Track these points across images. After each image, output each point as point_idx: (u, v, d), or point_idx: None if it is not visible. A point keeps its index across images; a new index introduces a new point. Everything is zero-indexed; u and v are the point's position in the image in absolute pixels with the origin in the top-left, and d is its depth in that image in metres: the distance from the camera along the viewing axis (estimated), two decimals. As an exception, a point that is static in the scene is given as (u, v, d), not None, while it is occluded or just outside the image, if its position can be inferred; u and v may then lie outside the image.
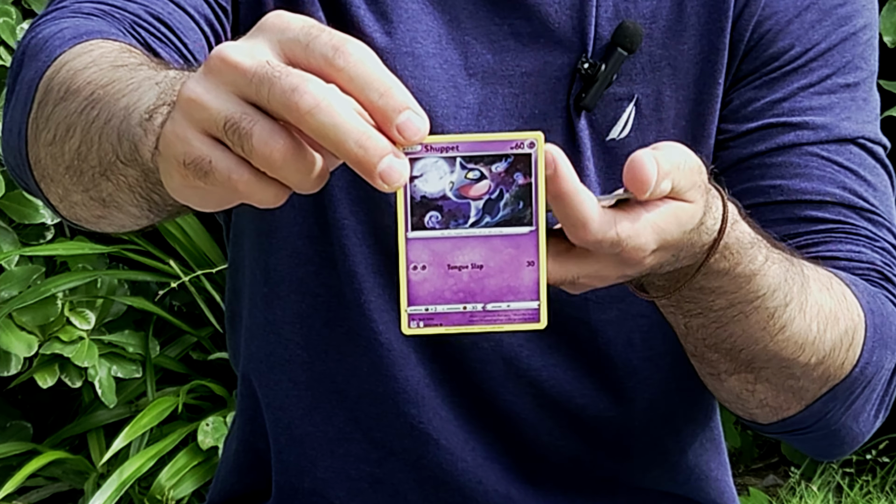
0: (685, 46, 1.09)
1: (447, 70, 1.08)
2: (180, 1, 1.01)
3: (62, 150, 0.83)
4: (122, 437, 2.41)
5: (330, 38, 0.66)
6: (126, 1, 0.98)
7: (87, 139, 0.80)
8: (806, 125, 1.08)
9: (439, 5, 1.08)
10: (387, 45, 1.07)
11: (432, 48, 1.08)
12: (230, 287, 1.22)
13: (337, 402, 1.14)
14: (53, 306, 2.40)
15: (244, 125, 0.65)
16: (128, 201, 0.81)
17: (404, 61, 1.07)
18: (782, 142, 1.08)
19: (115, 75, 0.82)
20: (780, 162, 1.08)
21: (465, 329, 0.73)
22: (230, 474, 1.24)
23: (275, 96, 0.65)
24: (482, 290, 0.73)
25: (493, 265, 0.72)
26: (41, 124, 0.86)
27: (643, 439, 1.17)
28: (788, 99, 1.09)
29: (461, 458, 1.13)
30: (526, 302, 0.74)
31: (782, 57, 1.09)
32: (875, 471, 2.93)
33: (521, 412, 1.13)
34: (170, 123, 0.69)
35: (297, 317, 1.14)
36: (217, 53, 0.67)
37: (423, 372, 1.11)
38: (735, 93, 1.10)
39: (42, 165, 0.87)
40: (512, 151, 0.71)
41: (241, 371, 1.21)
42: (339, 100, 0.65)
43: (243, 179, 0.67)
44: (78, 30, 0.91)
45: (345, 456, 1.15)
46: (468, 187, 0.71)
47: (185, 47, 0.98)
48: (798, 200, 1.08)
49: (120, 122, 0.77)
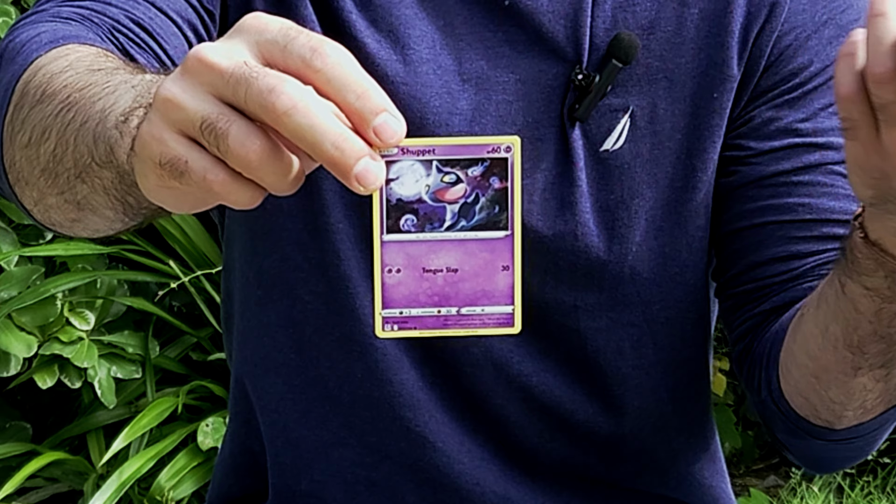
0: (683, 59, 1.08)
1: (441, 76, 1.07)
2: (162, 5, 1.00)
3: (37, 153, 0.83)
4: (122, 437, 2.41)
5: (308, 40, 0.66)
6: (106, 5, 0.98)
7: (63, 141, 0.80)
8: (830, 145, 1.08)
9: (433, 11, 1.07)
10: (379, 50, 1.07)
11: (426, 54, 1.07)
12: (224, 289, 1.22)
13: (331, 406, 1.14)
14: (53, 307, 2.40)
15: (220, 125, 0.66)
16: (102, 204, 0.80)
17: (396, 67, 1.07)
18: (808, 161, 1.08)
19: (91, 79, 0.81)
20: (807, 181, 1.08)
21: (439, 333, 0.73)
22: (227, 476, 1.24)
23: (252, 97, 0.65)
24: (457, 294, 0.73)
25: (468, 269, 0.72)
26: (17, 127, 0.86)
27: (634, 445, 1.16)
28: (811, 119, 1.08)
29: (458, 459, 1.13)
30: (500, 306, 0.73)
31: (801, 74, 1.09)
32: (876, 472, 2.93)
33: (512, 415, 1.14)
34: (146, 124, 0.69)
35: (289, 321, 1.14)
36: (194, 54, 0.67)
37: (416, 375, 1.11)
38: (755, 110, 1.09)
39: (17, 168, 0.87)
40: (489, 155, 0.70)
41: (235, 374, 1.21)
42: (316, 101, 0.65)
43: (219, 180, 0.67)
44: (55, 34, 0.91)
45: (340, 460, 1.15)
46: (444, 191, 0.71)
47: (164, 52, 0.98)
48: (826, 219, 1.07)
49: (96, 124, 0.77)
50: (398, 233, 0.71)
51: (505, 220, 0.72)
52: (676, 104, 1.09)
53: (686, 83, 1.08)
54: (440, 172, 0.70)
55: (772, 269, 1.09)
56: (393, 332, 0.73)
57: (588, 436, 1.15)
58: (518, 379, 1.12)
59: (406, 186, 0.70)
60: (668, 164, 1.10)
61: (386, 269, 0.71)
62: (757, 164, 1.09)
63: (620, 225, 1.10)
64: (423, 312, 0.73)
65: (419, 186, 0.70)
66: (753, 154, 1.09)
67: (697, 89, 1.09)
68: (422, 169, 0.70)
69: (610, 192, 1.09)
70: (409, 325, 0.73)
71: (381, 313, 0.72)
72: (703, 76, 1.08)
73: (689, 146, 1.09)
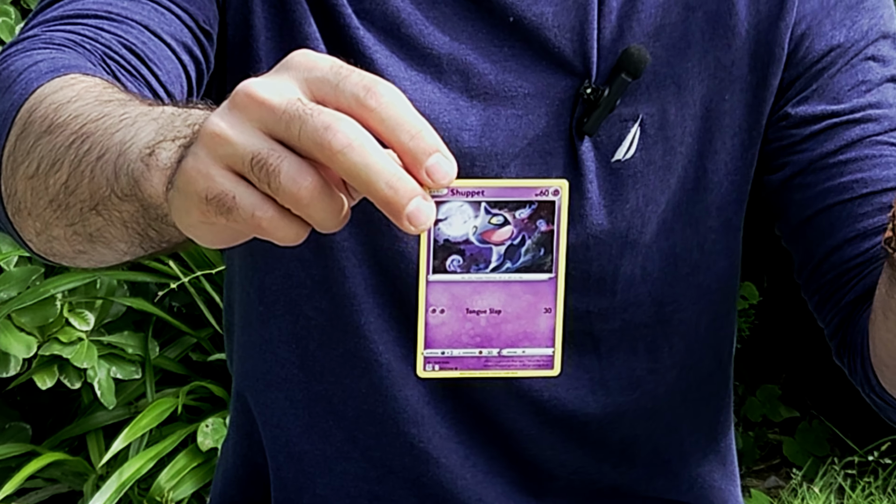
0: (690, 63, 1.08)
1: (448, 93, 1.07)
2: (156, 29, 0.99)
3: (45, 184, 0.82)
4: (122, 438, 2.41)
5: (360, 79, 0.66)
6: (98, 31, 0.97)
7: (77, 173, 0.79)
8: (868, 118, 1.08)
9: (439, 27, 1.07)
10: (388, 66, 1.06)
11: (433, 71, 1.07)
12: (226, 297, 1.22)
13: (334, 421, 1.14)
14: (52, 307, 2.40)
15: (272, 161, 0.65)
16: (118, 237, 0.79)
17: (404, 84, 1.06)
18: (850, 137, 1.08)
19: (104, 109, 0.81)
20: (855, 157, 1.08)
21: (479, 374, 0.73)
22: (229, 486, 1.24)
23: (307, 134, 0.64)
24: (499, 336, 0.72)
25: (510, 311, 0.72)
26: (20, 157, 0.85)
27: (646, 448, 1.16)
28: (842, 100, 1.09)
29: (461, 475, 1.13)
30: (541, 348, 0.73)
31: (822, 60, 1.09)
32: (877, 472, 2.93)
33: (524, 429, 1.13)
34: (191, 159, 0.68)
35: (292, 337, 1.13)
36: (243, 89, 0.67)
37: (422, 391, 1.11)
38: (787, 104, 1.09)
39: (18, 198, 0.86)
40: (536, 198, 0.70)
41: (236, 388, 1.21)
42: (371, 140, 0.64)
43: (267, 216, 0.66)
44: (54, 63, 0.90)
45: (343, 474, 1.15)
46: (491, 232, 0.70)
47: (155, 79, 0.97)
48: (884, 189, 1.07)
49: (116, 156, 0.76)
50: (444, 273, 0.70)
51: (549, 262, 0.71)
52: (686, 108, 1.08)
53: (694, 87, 1.08)
54: (488, 214, 0.69)
55: (846, 252, 1.08)
56: (434, 372, 0.72)
57: (601, 442, 1.15)
58: (529, 394, 1.12)
59: (454, 227, 0.70)
60: (679, 168, 1.10)
61: (430, 309, 0.71)
62: (804, 150, 1.09)
63: (634, 232, 1.10)
64: (465, 353, 0.72)
65: (467, 227, 0.70)
66: (798, 141, 1.09)
67: (706, 92, 1.08)
68: (470, 210, 0.69)
69: (625, 201, 1.09)
70: (450, 365, 0.72)
71: (422, 353, 0.72)
72: (710, 79, 1.08)
73: (699, 149, 1.09)
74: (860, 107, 1.08)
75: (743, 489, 2.93)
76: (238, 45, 1.06)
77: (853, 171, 1.08)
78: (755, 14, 1.08)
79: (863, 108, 1.08)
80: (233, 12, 1.05)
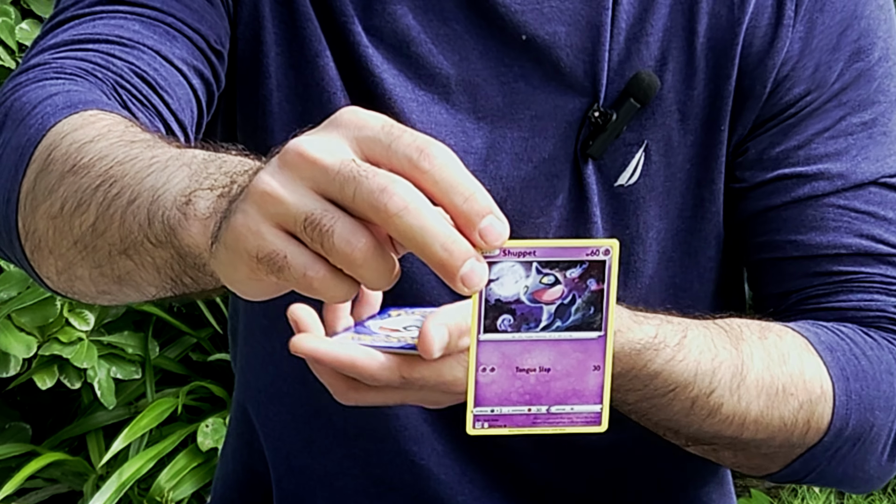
0: (695, 91, 1.07)
1: (455, 114, 1.06)
2: (168, 54, 0.99)
3: (70, 225, 0.81)
4: (122, 438, 2.41)
5: (413, 140, 0.66)
6: (110, 57, 0.96)
7: (106, 216, 0.78)
8: (822, 175, 1.07)
9: (449, 47, 1.06)
10: (396, 86, 1.05)
11: (440, 91, 1.06)
12: (231, 304, 1.22)
13: (335, 437, 1.14)
14: (52, 307, 2.39)
15: (325, 222, 0.65)
16: (149, 281, 0.78)
17: (412, 105, 1.05)
18: (798, 195, 1.07)
19: (131, 151, 0.80)
20: (796, 216, 1.07)
21: (528, 431, 0.72)
22: (230, 491, 1.24)
23: (362, 196, 0.64)
24: (548, 393, 0.72)
25: (560, 368, 0.72)
26: (41, 196, 0.84)
27: (641, 469, 1.16)
28: (804, 147, 1.07)
29: (459, 491, 1.13)
30: (589, 405, 0.73)
31: (798, 102, 1.08)
32: (877, 472, 2.92)
33: (516, 445, 1.13)
34: (241, 216, 0.67)
35: None
36: (294, 148, 0.66)
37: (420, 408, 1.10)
38: (752, 141, 1.09)
39: (38, 236, 0.85)
40: (587, 258, 0.70)
41: (237, 399, 1.21)
42: (426, 203, 0.64)
43: (319, 276, 0.66)
44: (70, 98, 0.89)
45: (343, 489, 1.15)
46: (542, 292, 0.70)
47: (167, 107, 0.96)
48: (814, 255, 1.07)
49: (149, 202, 0.75)
50: (495, 332, 0.70)
51: (599, 321, 0.71)
52: (688, 135, 1.08)
53: (697, 114, 1.07)
54: (539, 274, 0.69)
55: (768, 304, 1.09)
56: (483, 429, 0.72)
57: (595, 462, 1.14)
58: None
59: (505, 287, 0.69)
60: (678, 195, 1.09)
61: (480, 368, 0.70)
62: (751, 198, 1.09)
63: (636, 259, 1.09)
64: (514, 411, 0.72)
65: (518, 287, 0.69)
66: (747, 188, 1.09)
67: (707, 119, 1.08)
68: (521, 270, 0.69)
69: (625, 227, 1.09)
70: (500, 422, 0.72)
71: (472, 411, 0.71)
72: (711, 107, 1.07)
73: (698, 176, 1.09)
74: (818, 157, 1.07)
75: (743, 489, 2.93)
76: (248, 61, 1.06)
77: (790, 231, 1.07)
78: (748, 47, 1.07)
79: (820, 158, 1.07)
80: (243, 28, 1.05)
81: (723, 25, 1.06)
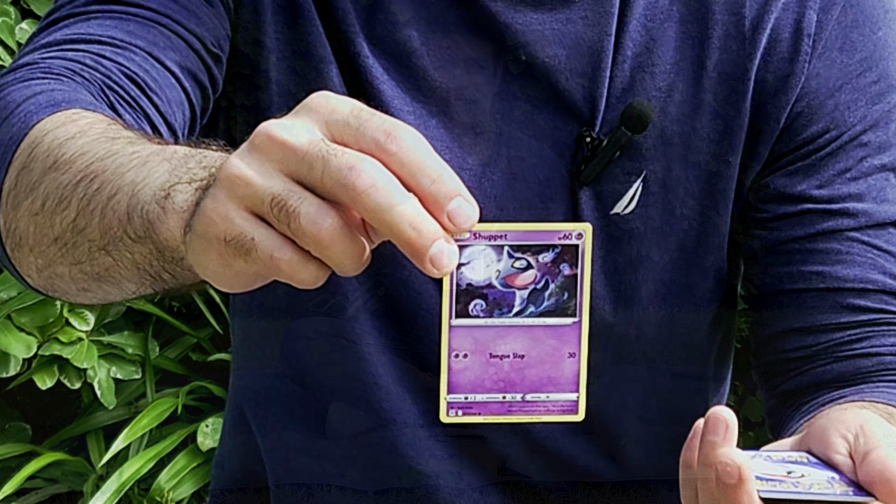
0: (699, 124, 1.06)
1: (451, 129, 1.06)
2: (160, 55, 0.98)
3: (51, 222, 0.80)
4: (122, 438, 2.41)
5: (381, 123, 0.65)
6: (99, 58, 0.95)
7: (87, 212, 0.78)
8: (845, 212, 1.06)
9: (450, 62, 1.05)
10: (394, 99, 1.05)
11: (438, 106, 1.06)
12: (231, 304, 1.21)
13: (334, 440, 1.14)
14: (52, 307, 2.39)
15: (292, 202, 0.64)
16: (128, 277, 0.78)
17: (408, 119, 1.05)
18: (822, 228, 1.06)
19: (112, 147, 0.79)
20: (822, 248, 1.06)
21: (502, 419, 0.72)
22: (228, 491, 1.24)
23: (329, 174, 0.63)
24: (522, 381, 0.71)
25: (534, 355, 0.71)
26: (22, 193, 0.83)
27: (636, 492, 1.16)
28: (826, 186, 1.07)
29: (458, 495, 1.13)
30: (565, 393, 0.72)
31: (816, 141, 1.07)
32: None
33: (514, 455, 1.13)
34: (210, 201, 0.67)
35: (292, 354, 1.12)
36: (264, 131, 0.65)
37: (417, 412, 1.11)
38: (771, 176, 1.08)
39: (19, 234, 0.84)
40: (560, 242, 0.69)
41: (232, 400, 1.20)
42: (395, 182, 0.63)
43: (286, 258, 0.65)
44: (53, 96, 0.88)
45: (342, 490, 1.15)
46: (514, 276, 0.69)
47: (155, 109, 0.95)
48: (840, 288, 1.06)
49: (128, 197, 0.74)
50: (467, 317, 0.70)
51: (573, 306, 0.70)
52: (690, 169, 1.07)
53: (701, 148, 1.06)
54: (511, 258, 0.69)
55: (790, 341, 1.07)
56: (457, 417, 0.72)
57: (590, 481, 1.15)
58: (520, 425, 1.11)
59: (477, 271, 0.69)
60: (679, 230, 1.08)
61: (453, 354, 0.70)
62: (774, 228, 1.08)
63: (627, 288, 1.08)
64: (488, 398, 0.71)
65: (490, 271, 0.69)
66: (770, 218, 1.08)
67: (712, 154, 1.06)
68: (493, 254, 0.68)
69: (619, 254, 1.08)
70: (474, 410, 0.72)
71: (446, 398, 0.71)
72: (717, 143, 1.06)
73: (701, 211, 1.08)
74: (840, 197, 1.06)
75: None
76: (248, 65, 1.06)
77: (815, 263, 1.06)
78: (761, 82, 1.06)
79: (843, 198, 1.06)
80: (244, 31, 1.04)
81: (734, 60, 1.05)
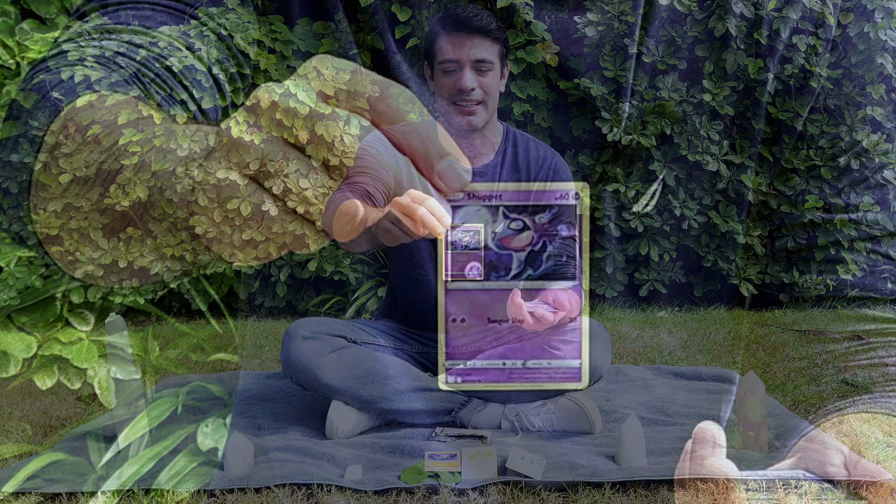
0: None
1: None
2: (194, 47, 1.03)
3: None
4: (122, 438, 2.41)
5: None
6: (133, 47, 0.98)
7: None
8: None
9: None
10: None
11: None
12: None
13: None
14: (52, 307, 2.39)
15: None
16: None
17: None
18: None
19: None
20: None
21: (504, 386, 0.70)
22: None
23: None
24: (522, 347, 0.69)
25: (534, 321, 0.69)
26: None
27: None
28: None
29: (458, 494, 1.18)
30: (567, 360, 0.70)
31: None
32: (877, 472, 2.93)
33: None
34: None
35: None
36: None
37: None
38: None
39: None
40: (556, 202, 0.68)
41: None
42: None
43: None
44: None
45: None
46: (510, 238, 0.68)
47: (189, 96, 1.00)
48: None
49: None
50: (463, 280, 0.68)
51: (572, 269, 0.68)
52: None
53: None
54: (507, 219, 0.67)
55: None
56: (457, 384, 0.70)
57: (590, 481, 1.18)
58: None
59: (472, 233, 0.67)
60: None
61: (450, 319, 0.69)
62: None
63: None
64: (488, 364, 0.70)
65: (485, 233, 0.67)
66: None
67: None
68: (488, 215, 0.67)
69: None
70: (473, 377, 0.70)
71: (444, 364, 0.70)
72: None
73: None
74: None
75: (743, 489, 2.93)
76: None
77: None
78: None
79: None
80: None
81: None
